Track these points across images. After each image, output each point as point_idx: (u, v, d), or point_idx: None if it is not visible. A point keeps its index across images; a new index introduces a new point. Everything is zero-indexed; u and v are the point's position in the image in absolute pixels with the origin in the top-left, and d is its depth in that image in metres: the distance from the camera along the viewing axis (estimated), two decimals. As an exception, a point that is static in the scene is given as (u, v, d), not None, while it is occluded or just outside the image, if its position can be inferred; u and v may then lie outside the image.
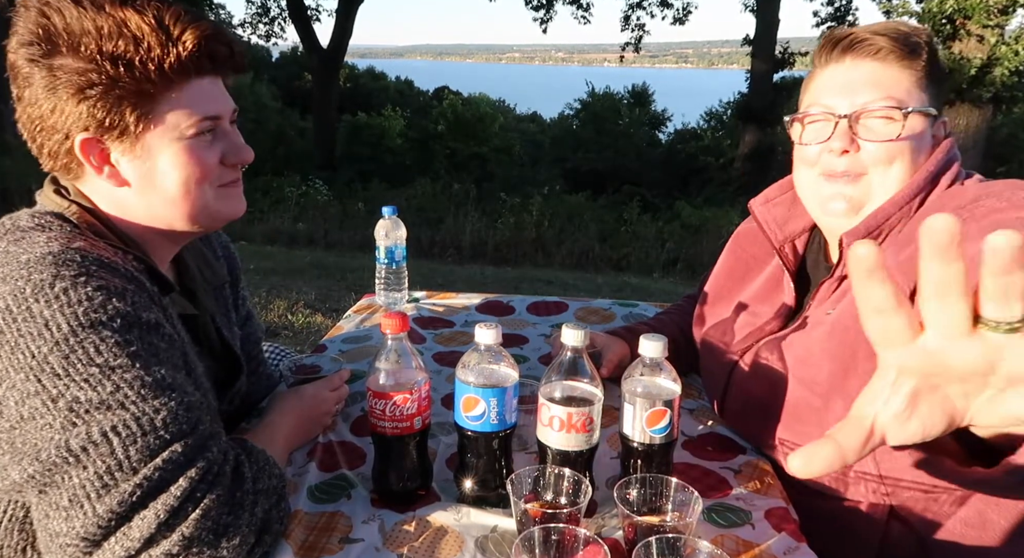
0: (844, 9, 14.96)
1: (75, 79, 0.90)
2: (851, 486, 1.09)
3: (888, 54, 1.08)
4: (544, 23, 16.87)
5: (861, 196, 1.12)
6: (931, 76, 1.10)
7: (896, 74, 1.09)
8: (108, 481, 0.78)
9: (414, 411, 0.99)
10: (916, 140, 1.09)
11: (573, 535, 0.85)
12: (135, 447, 0.78)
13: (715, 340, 1.34)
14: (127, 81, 0.92)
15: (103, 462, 0.78)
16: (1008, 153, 12.41)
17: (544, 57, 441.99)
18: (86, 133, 0.93)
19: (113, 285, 0.85)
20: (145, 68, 0.92)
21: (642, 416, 0.99)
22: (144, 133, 0.95)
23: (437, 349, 1.59)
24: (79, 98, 0.91)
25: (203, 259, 1.24)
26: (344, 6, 15.03)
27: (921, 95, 1.09)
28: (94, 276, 0.84)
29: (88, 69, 0.90)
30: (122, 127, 0.94)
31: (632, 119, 20.25)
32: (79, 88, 0.91)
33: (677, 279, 7.70)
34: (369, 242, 3.16)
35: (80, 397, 0.78)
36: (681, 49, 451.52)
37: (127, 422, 0.79)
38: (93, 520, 0.77)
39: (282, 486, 0.93)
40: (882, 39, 1.08)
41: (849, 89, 1.10)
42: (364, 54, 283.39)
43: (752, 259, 1.38)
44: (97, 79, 0.91)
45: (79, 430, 0.78)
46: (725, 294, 1.40)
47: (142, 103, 0.93)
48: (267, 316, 4.49)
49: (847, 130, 1.09)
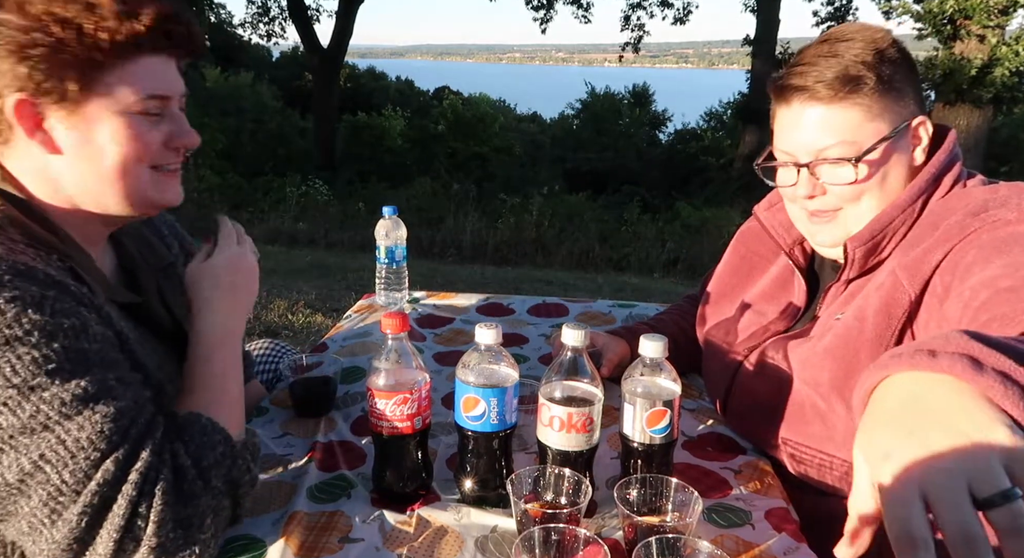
0: (844, 9, 14.97)
1: (17, 37, 0.86)
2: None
3: (831, 98, 1.08)
4: (544, 23, 16.88)
5: (842, 229, 1.14)
6: (887, 94, 1.08)
7: (843, 114, 1.08)
8: (55, 507, 0.77)
9: (414, 411, 0.99)
10: (880, 168, 1.09)
11: (573, 535, 0.85)
12: (68, 471, 0.77)
13: (719, 339, 1.34)
14: (74, 46, 0.87)
15: (44, 490, 0.77)
16: (1008, 153, 12.41)
17: (544, 57, 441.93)
18: (21, 94, 0.88)
19: (28, 295, 0.81)
20: (95, 36, 0.88)
21: (642, 416, 0.99)
22: (85, 102, 0.91)
23: (437, 349, 1.59)
24: (19, 57, 0.86)
25: (144, 241, 1.18)
26: (344, 6, 15.03)
27: (875, 124, 1.08)
28: (7, 286, 0.80)
29: (32, 27, 0.86)
30: (61, 92, 0.89)
31: (632, 119, 20.25)
32: (20, 46, 0.86)
33: (677, 279, 7.69)
34: (369, 242, 3.16)
35: (2, 423, 0.76)
36: (681, 49, 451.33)
37: (53, 446, 0.77)
38: (56, 545, 0.78)
39: (230, 446, 0.92)
40: (820, 86, 1.07)
41: (803, 134, 1.11)
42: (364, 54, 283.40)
43: (757, 257, 1.38)
44: (41, 39, 0.86)
45: (9, 460, 0.77)
46: (728, 292, 1.40)
47: (88, 71, 0.89)
48: (267, 316, 4.49)
49: (809, 177, 1.12)
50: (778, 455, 1.17)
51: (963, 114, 8.93)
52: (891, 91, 1.08)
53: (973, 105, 8.87)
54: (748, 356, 1.25)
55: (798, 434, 1.14)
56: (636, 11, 16.83)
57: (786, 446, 1.15)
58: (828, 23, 14.99)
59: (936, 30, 9.00)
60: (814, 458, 1.12)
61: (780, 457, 1.17)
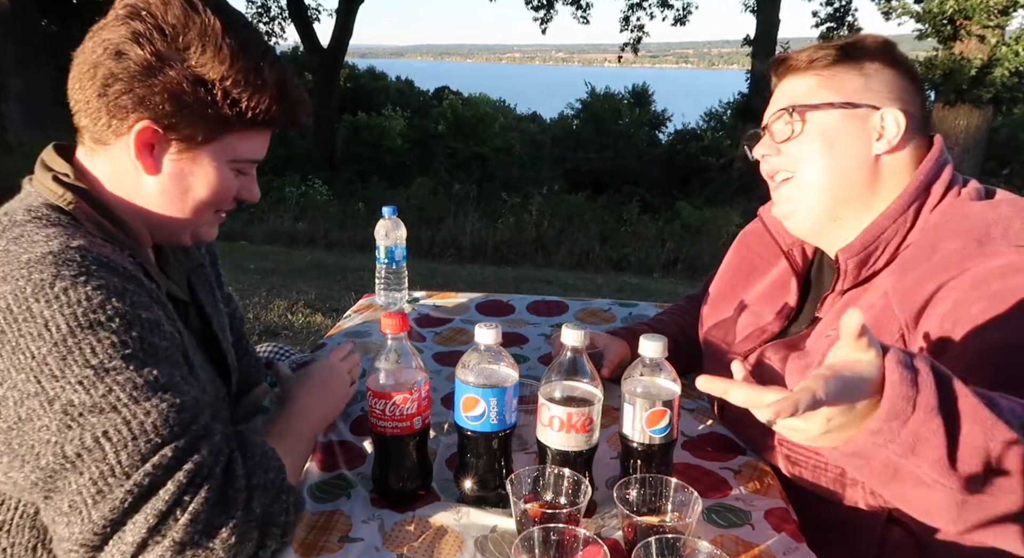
0: (843, 9, 14.96)
1: (177, 84, 0.92)
2: (848, 488, 1.09)
3: (801, 69, 1.16)
4: (544, 23, 16.86)
5: (795, 203, 1.17)
6: (849, 71, 1.13)
7: (802, 80, 1.16)
8: (103, 487, 0.78)
9: (414, 411, 0.99)
10: (822, 131, 1.13)
11: (573, 535, 0.85)
12: (126, 452, 0.79)
13: (718, 340, 1.34)
14: (223, 111, 0.94)
15: (97, 468, 0.78)
16: (1008, 154, 12.39)
17: (544, 57, 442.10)
18: (150, 123, 0.93)
19: (112, 284, 0.85)
20: (242, 111, 0.95)
21: (642, 416, 0.99)
22: (202, 149, 0.97)
23: (437, 349, 1.59)
24: (170, 98, 0.92)
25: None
26: (344, 6, 15.03)
27: (826, 92, 1.13)
28: (94, 276, 0.84)
29: (195, 89, 0.92)
30: (188, 136, 0.95)
31: (632, 119, 20.25)
32: (174, 94, 0.92)
33: (677, 279, 7.69)
34: (369, 242, 3.16)
35: (75, 400, 0.79)
36: (681, 49, 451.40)
37: (118, 426, 0.79)
38: (90, 527, 0.78)
39: (282, 479, 0.92)
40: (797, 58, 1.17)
41: (773, 101, 1.20)
42: (364, 54, 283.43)
43: (758, 258, 1.38)
44: (203, 96, 0.93)
45: (73, 435, 0.78)
46: (728, 292, 1.40)
47: (217, 128, 0.96)
48: (267, 316, 4.49)
49: (767, 140, 1.19)
50: (773, 457, 1.17)
51: (963, 114, 8.92)
52: (854, 69, 1.13)
53: (973, 105, 8.86)
54: (747, 359, 1.25)
55: (785, 441, 1.13)
56: (636, 12, 16.82)
57: (781, 448, 1.15)
58: (828, 23, 14.98)
59: (936, 30, 8.99)
60: (808, 460, 1.12)
61: (776, 460, 1.17)
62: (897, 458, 0.74)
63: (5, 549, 0.92)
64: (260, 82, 0.95)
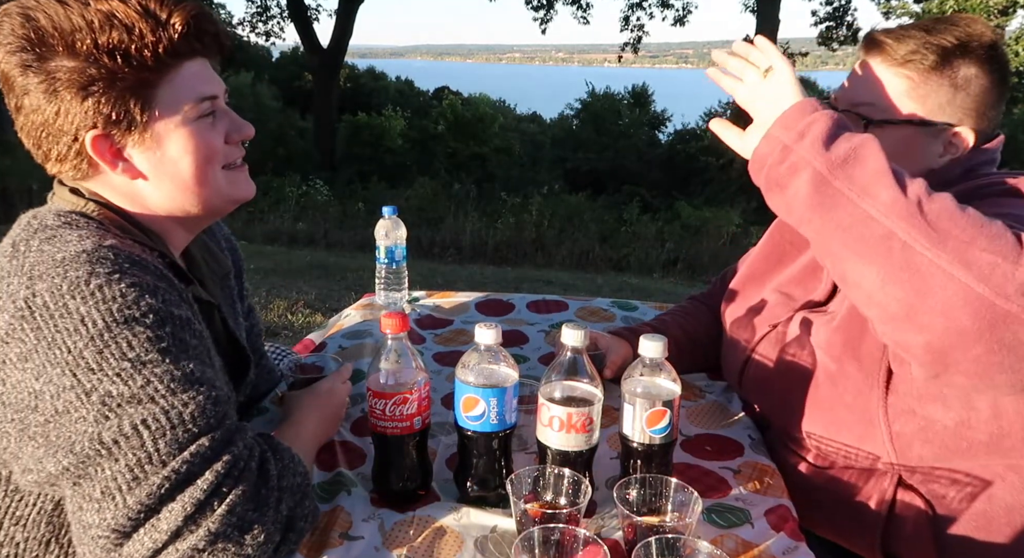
0: (843, 9, 14.97)
1: (76, 78, 0.90)
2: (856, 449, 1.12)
3: (891, 60, 1.09)
4: (544, 23, 16.89)
5: None
6: (941, 83, 1.07)
7: (889, 75, 1.10)
8: (138, 474, 0.79)
9: (414, 411, 0.99)
10: (892, 144, 1.01)
11: (573, 535, 0.85)
12: (164, 440, 0.80)
13: (743, 316, 1.36)
14: (127, 72, 0.92)
15: (134, 455, 0.79)
16: (1008, 154, 12.37)
17: (544, 57, 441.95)
18: (95, 130, 0.93)
19: (145, 282, 0.87)
20: (141, 56, 0.92)
21: (642, 416, 0.99)
22: (151, 122, 0.96)
23: (437, 349, 1.59)
24: (83, 96, 0.91)
25: (207, 250, 1.24)
26: (344, 6, 15.03)
27: (914, 104, 1.08)
28: (127, 273, 0.86)
29: (87, 66, 0.90)
30: (129, 119, 0.94)
31: (632, 119, 20.25)
32: (81, 86, 0.91)
33: (677, 279, 7.69)
34: (369, 242, 3.16)
35: (112, 391, 0.80)
36: (681, 49, 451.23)
37: (156, 416, 0.80)
38: (123, 512, 0.78)
39: (306, 484, 0.93)
40: (889, 43, 1.09)
41: (851, 81, 1.16)
42: (364, 54, 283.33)
43: (790, 246, 1.39)
44: (97, 74, 0.90)
45: (111, 423, 0.79)
46: (759, 276, 1.41)
47: (144, 92, 0.94)
48: (267, 316, 4.49)
49: None
50: (785, 421, 1.20)
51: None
52: (947, 79, 1.07)
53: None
54: (769, 332, 1.28)
55: (807, 397, 1.16)
56: (636, 12, 16.83)
57: (794, 412, 1.18)
58: (827, 23, 14.98)
59: (936, 30, 9.00)
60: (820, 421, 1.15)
61: (787, 423, 1.19)
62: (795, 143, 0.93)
63: (19, 543, 0.93)
64: (127, 23, 0.92)
